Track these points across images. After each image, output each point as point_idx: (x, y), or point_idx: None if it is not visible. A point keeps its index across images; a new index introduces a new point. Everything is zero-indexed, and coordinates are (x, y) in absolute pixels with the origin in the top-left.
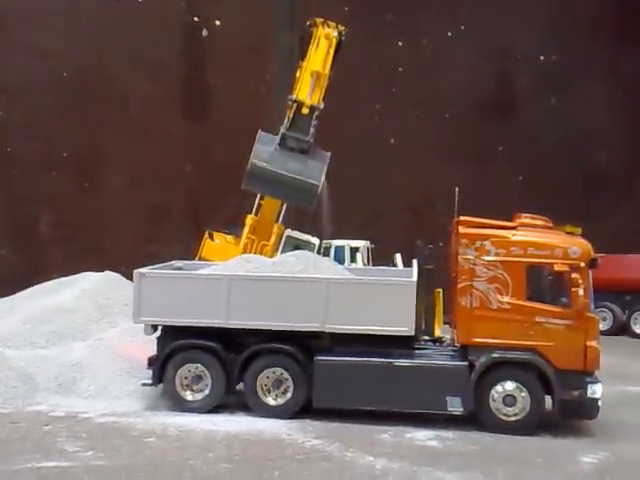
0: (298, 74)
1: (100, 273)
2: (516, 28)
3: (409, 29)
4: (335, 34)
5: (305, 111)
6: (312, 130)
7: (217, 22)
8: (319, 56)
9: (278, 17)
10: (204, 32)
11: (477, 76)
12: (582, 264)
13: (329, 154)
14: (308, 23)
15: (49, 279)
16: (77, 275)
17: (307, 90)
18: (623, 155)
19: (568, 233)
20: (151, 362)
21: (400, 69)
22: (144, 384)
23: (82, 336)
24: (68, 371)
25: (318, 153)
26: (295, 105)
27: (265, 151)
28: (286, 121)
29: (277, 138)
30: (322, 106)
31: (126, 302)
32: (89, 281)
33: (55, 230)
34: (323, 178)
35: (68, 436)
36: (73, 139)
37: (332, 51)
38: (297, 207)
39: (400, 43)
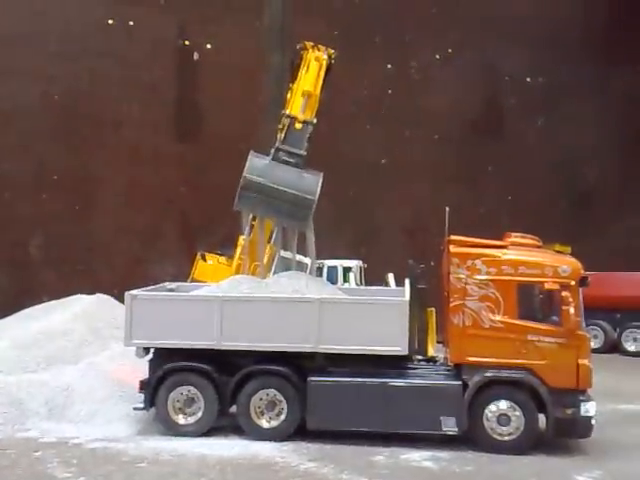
0: (289, 96)
1: (91, 296)
2: (503, 50)
3: (398, 52)
4: (325, 57)
5: (298, 126)
6: (306, 144)
7: (208, 45)
8: (310, 78)
9: (268, 40)
10: (195, 55)
11: (465, 97)
12: (572, 282)
13: (321, 174)
14: (298, 46)
15: (40, 302)
16: (68, 298)
17: (299, 107)
18: (610, 174)
19: (557, 252)
20: (143, 385)
21: (389, 91)
22: (136, 408)
23: (73, 360)
24: (59, 396)
25: (311, 171)
26: (288, 120)
27: (259, 165)
28: (279, 136)
29: (270, 154)
30: (315, 121)
31: (118, 325)
32: (80, 304)
33: (46, 252)
34: (318, 193)
35: (59, 462)
36: (64, 161)
37: (322, 73)
38: (291, 226)
39: (389, 66)
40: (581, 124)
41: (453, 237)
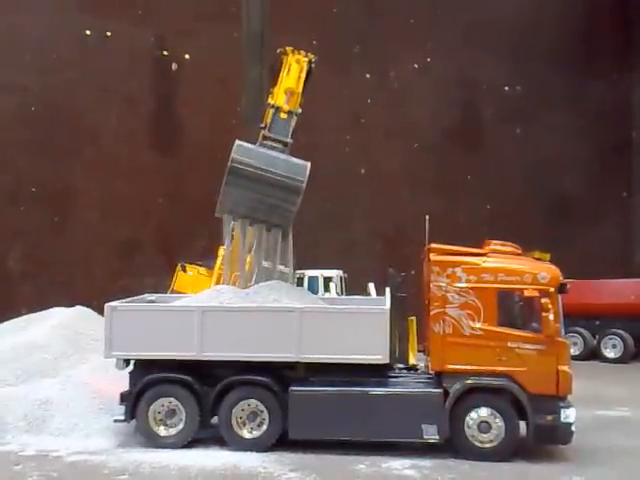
0: (270, 99)
1: (70, 308)
2: (481, 60)
3: (376, 61)
4: (306, 60)
5: (283, 116)
6: (291, 133)
7: (186, 56)
8: (292, 77)
9: (247, 50)
10: (174, 66)
11: (444, 107)
12: (551, 289)
13: (309, 163)
14: (279, 51)
15: (19, 315)
16: (47, 311)
17: (283, 99)
18: (587, 182)
19: (537, 259)
20: (123, 397)
21: (368, 100)
22: (116, 420)
23: (52, 373)
24: (38, 409)
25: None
26: (273, 111)
27: (246, 148)
28: (265, 125)
29: (257, 142)
30: (300, 111)
31: (97, 337)
32: (59, 317)
33: (25, 265)
34: (307, 178)
35: (39, 476)
36: (42, 173)
37: (303, 75)
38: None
39: (368, 75)
40: (558, 133)
41: (433, 245)
